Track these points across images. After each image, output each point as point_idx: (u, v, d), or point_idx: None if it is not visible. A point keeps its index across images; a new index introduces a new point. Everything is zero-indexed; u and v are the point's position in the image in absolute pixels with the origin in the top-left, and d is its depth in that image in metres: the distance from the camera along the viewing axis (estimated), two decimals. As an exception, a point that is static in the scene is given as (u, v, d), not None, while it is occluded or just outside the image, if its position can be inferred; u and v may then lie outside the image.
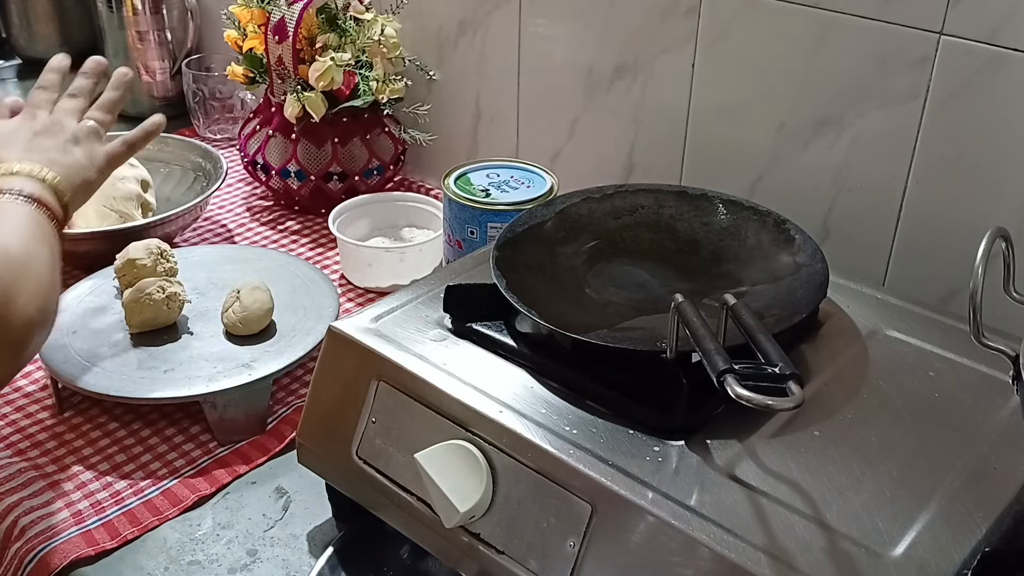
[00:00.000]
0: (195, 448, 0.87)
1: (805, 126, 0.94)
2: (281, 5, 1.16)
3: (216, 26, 1.42)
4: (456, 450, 0.64)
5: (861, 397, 0.68)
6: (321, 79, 1.14)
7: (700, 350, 0.58)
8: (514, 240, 0.80)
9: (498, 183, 1.03)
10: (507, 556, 0.63)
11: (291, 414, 0.91)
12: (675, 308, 0.61)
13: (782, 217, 0.80)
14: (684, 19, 0.99)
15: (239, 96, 1.44)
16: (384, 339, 0.72)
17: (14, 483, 0.82)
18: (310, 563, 0.76)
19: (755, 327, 0.60)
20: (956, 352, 0.72)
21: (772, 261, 0.77)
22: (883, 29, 0.86)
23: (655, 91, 1.05)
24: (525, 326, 0.72)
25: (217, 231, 1.23)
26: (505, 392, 0.67)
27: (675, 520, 0.56)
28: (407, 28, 1.24)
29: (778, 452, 0.62)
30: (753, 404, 0.53)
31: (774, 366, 0.57)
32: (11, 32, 1.70)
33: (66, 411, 0.91)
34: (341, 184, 1.23)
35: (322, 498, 0.79)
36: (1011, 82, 0.81)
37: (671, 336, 0.62)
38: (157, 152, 1.26)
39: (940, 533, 0.56)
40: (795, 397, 0.54)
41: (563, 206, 0.84)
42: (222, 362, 0.89)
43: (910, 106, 0.87)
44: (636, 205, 0.84)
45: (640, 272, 0.79)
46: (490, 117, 1.24)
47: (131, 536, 0.78)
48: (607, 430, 0.63)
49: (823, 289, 0.72)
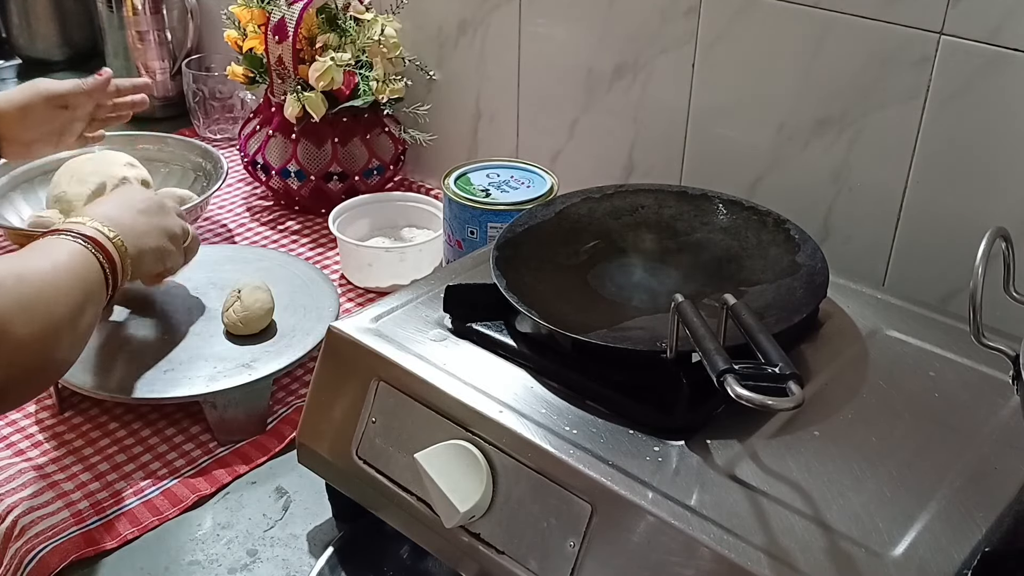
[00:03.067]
0: (195, 448, 0.87)
1: (805, 126, 0.94)
2: (281, 5, 1.16)
3: (216, 26, 1.42)
4: (456, 450, 0.64)
5: (861, 397, 0.68)
6: (321, 79, 1.14)
7: (700, 350, 0.58)
8: (514, 240, 0.80)
9: (498, 183, 1.03)
10: (507, 556, 0.63)
11: (291, 414, 0.91)
12: (675, 308, 0.61)
13: (782, 217, 0.80)
14: (684, 19, 0.99)
15: (239, 96, 1.44)
16: (384, 339, 0.72)
17: (14, 483, 0.82)
18: (310, 563, 0.76)
19: (755, 327, 0.60)
20: (956, 352, 0.72)
21: (772, 261, 0.77)
22: (883, 29, 0.86)
23: (655, 91, 1.05)
24: (525, 326, 0.72)
25: (217, 231, 1.23)
26: (505, 392, 0.67)
27: (675, 520, 0.56)
28: (407, 28, 1.24)
29: (778, 452, 0.62)
30: (753, 404, 0.53)
31: (774, 366, 0.56)
32: (11, 32, 1.71)
33: (66, 411, 0.91)
34: (341, 184, 1.23)
35: (322, 498, 0.79)
36: (1011, 82, 0.81)
37: (671, 336, 0.62)
38: (157, 152, 1.26)
39: (940, 533, 0.56)
40: (795, 397, 0.54)
41: (563, 206, 0.84)
42: (222, 362, 0.89)
43: (910, 106, 0.87)
44: (636, 205, 0.84)
45: (640, 272, 0.79)
46: (490, 117, 1.24)
47: (131, 536, 0.78)
48: (607, 430, 0.63)
49: (823, 289, 0.72)
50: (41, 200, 1.18)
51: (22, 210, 1.17)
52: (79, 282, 0.73)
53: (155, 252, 0.84)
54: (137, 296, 0.97)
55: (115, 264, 0.77)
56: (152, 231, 0.84)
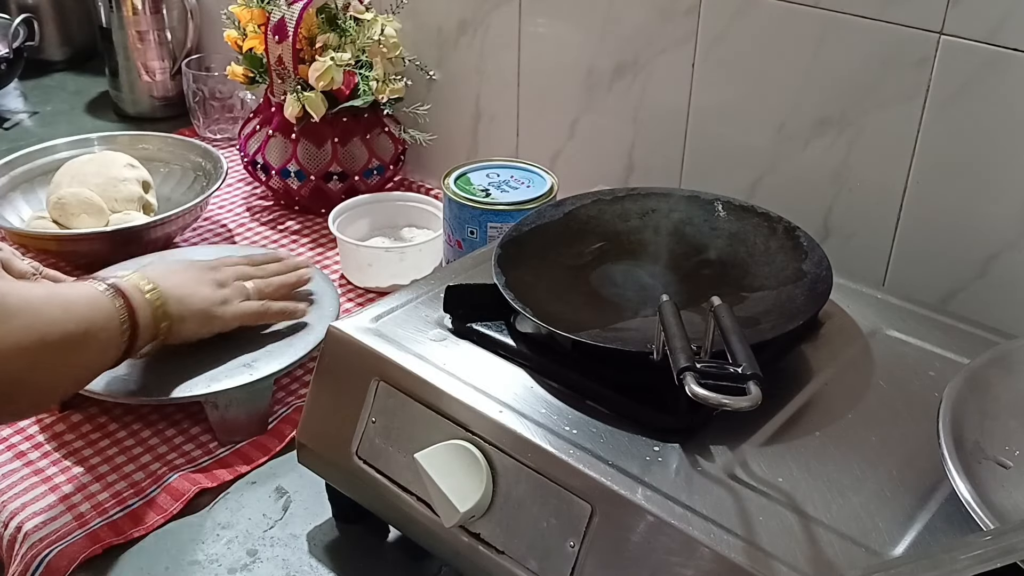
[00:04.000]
0: (195, 448, 0.87)
1: (805, 126, 0.94)
2: (281, 5, 1.16)
3: (216, 26, 1.42)
4: (456, 450, 0.64)
5: (861, 397, 0.68)
6: (321, 79, 1.14)
7: (668, 348, 0.59)
8: (519, 239, 0.79)
9: (498, 183, 1.03)
10: (507, 556, 0.63)
11: (291, 414, 0.91)
12: (659, 308, 0.62)
13: (792, 224, 0.79)
14: (684, 19, 0.99)
15: (239, 96, 1.44)
16: (384, 339, 0.72)
17: (16, 489, 0.82)
18: (310, 563, 0.76)
19: (731, 328, 0.61)
20: (956, 352, 0.72)
21: (777, 267, 0.77)
22: (883, 29, 0.86)
23: (655, 91, 1.05)
24: (525, 326, 0.72)
25: (217, 231, 1.23)
26: (505, 392, 0.67)
27: (675, 520, 0.56)
28: (407, 28, 1.24)
29: (778, 452, 0.62)
30: (709, 403, 0.54)
31: (738, 366, 0.57)
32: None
33: (66, 411, 0.91)
34: (341, 184, 1.23)
35: (322, 498, 0.79)
36: (1011, 82, 0.81)
37: (656, 337, 0.62)
38: (157, 152, 1.26)
39: (940, 533, 0.56)
40: (751, 397, 0.54)
41: (573, 207, 0.84)
42: (222, 362, 0.89)
43: (910, 106, 0.87)
44: (647, 208, 0.84)
45: (643, 275, 0.79)
46: (490, 117, 1.24)
47: (138, 534, 0.78)
48: (607, 430, 0.63)
49: (824, 297, 0.72)
50: (41, 200, 1.18)
51: (22, 210, 1.17)
52: (76, 316, 0.74)
53: (202, 316, 0.86)
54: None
55: (135, 312, 0.79)
56: (203, 290, 0.87)
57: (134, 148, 1.24)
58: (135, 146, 1.25)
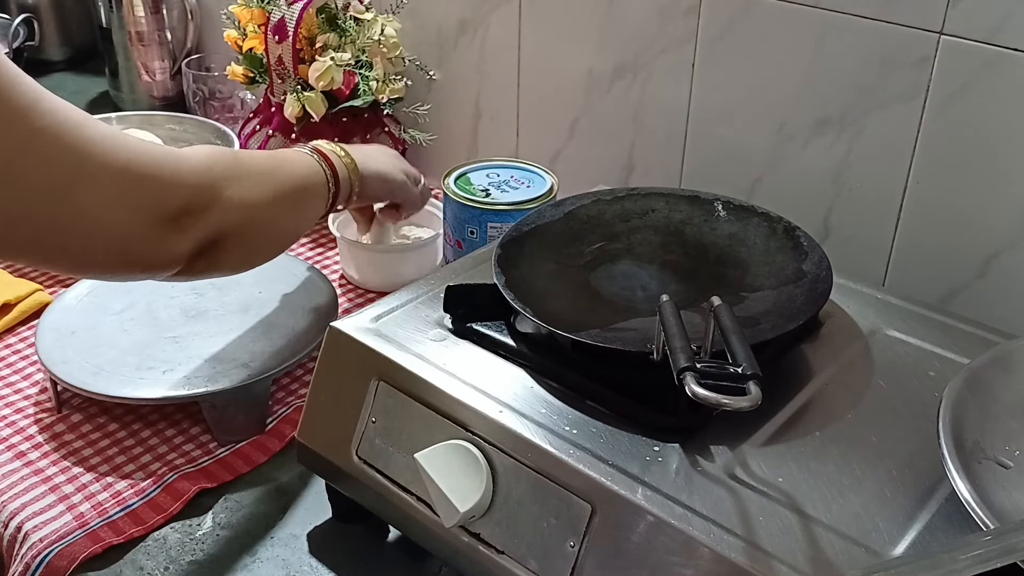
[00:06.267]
0: (195, 448, 0.87)
1: (805, 126, 0.94)
2: (281, 5, 1.16)
3: (216, 26, 1.42)
4: (456, 450, 0.64)
5: (861, 397, 0.68)
6: (321, 79, 1.14)
7: (668, 348, 0.59)
8: (519, 239, 0.80)
9: (498, 183, 1.03)
10: (507, 556, 0.63)
11: (291, 414, 0.91)
12: (659, 308, 0.62)
13: (792, 224, 0.80)
14: (684, 19, 0.99)
15: (239, 96, 1.44)
16: (384, 339, 0.72)
17: (16, 489, 0.82)
18: (310, 563, 0.76)
19: (731, 328, 0.61)
20: (956, 352, 0.72)
21: (778, 267, 0.77)
22: (883, 29, 0.86)
23: (655, 91, 1.05)
24: (525, 326, 0.72)
25: (217, 231, 1.23)
26: (505, 392, 0.67)
27: (675, 520, 0.56)
28: (407, 28, 1.24)
29: (778, 452, 0.62)
30: (709, 403, 0.54)
31: (738, 366, 0.57)
32: (11, 32, 1.70)
33: (65, 412, 0.91)
34: (341, 184, 1.23)
35: (322, 498, 0.79)
36: (1011, 82, 0.81)
37: (657, 337, 0.62)
38: (175, 132, 1.30)
39: (940, 533, 0.56)
40: (751, 397, 0.54)
41: (573, 207, 0.84)
42: (221, 362, 0.89)
43: (910, 106, 0.87)
44: (647, 208, 0.84)
45: (644, 275, 0.79)
46: (490, 117, 1.24)
47: (138, 534, 0.78)
48: (607, 430, 0.63)
49: (824, 297, 0.72)
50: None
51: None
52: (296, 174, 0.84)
53: (382, 177, 0.95)
54: (135, 296, 0.97)
55: (336, 172, 0.88)
56: (382, 158, 0.98)
57: (152, 126, 1.30)
58: (153, 124, 1.31)
